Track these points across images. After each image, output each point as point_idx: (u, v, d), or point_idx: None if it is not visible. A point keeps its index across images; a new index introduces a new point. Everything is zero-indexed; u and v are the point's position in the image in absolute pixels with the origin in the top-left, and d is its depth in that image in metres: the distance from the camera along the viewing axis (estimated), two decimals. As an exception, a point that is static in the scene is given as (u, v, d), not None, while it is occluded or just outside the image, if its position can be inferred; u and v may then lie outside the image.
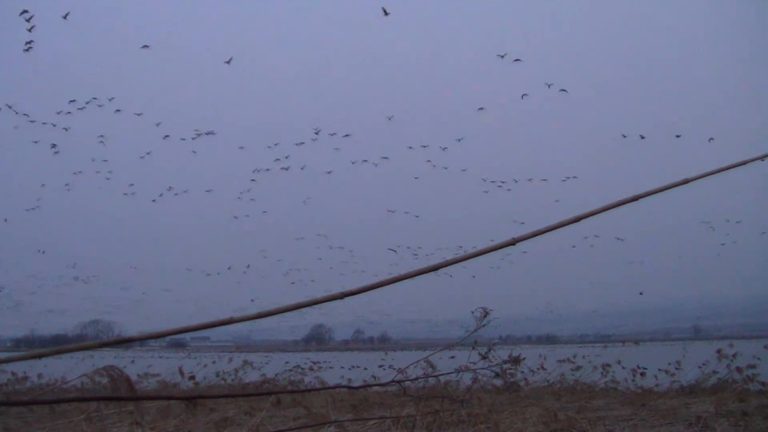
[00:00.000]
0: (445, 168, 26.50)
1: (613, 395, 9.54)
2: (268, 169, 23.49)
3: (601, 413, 7.08)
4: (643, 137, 24.24)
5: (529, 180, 26.08)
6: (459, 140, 25.27)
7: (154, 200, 25.83)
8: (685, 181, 2.27)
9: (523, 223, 27.74)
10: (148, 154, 24.88)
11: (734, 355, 10.04)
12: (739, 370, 9.73)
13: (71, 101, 19.40)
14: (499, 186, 24.62)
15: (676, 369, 10.83)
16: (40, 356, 1.91)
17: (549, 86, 20.63)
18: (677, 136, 23.16)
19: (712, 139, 23.31)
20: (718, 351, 10.24)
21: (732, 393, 8.52)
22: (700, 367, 10.47)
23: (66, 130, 20.13)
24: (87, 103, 19.31)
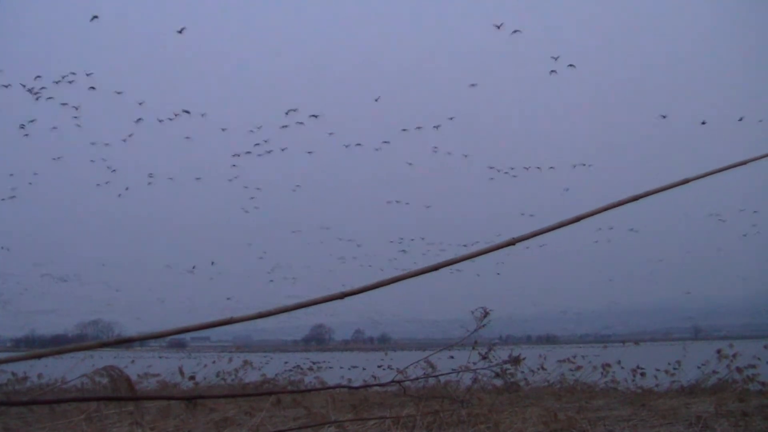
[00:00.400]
0: (449, 153, 25.48)
1: (613, 395, 9.54)
2: (248, 152, 22.37)
3: (601, 413, 7.08)
4: (704, 123, 23.23)
5: (538, 168, 25.23)
6: (451, 119, 24.10)
7: (120, 194, 24.55)
8: (685, 181, 2.27)
9: (532, 215, 27.25)
10: (130, 136, 23.32)
11: (734, 355, 10.05)
12: (739, 370, 9.74)
13: (37, 77, 18.23)
14: (506, 173, 23.78)
15: (676, 369, 10.84)
16: (39, 356, 1.91)
17: (555, 59, 19.64)
18: (740, 119, 21.30)
19: (741, 119, 21.64)
20: (718, 351, 10.24)
21: (732, 393, 8.52)
22: (699, 368, 10.48)
23: (49, 99, 18.87)
24: (63, 76, 18.14)
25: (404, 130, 23.91)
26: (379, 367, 12.37)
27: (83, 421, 5.82)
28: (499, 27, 18.59)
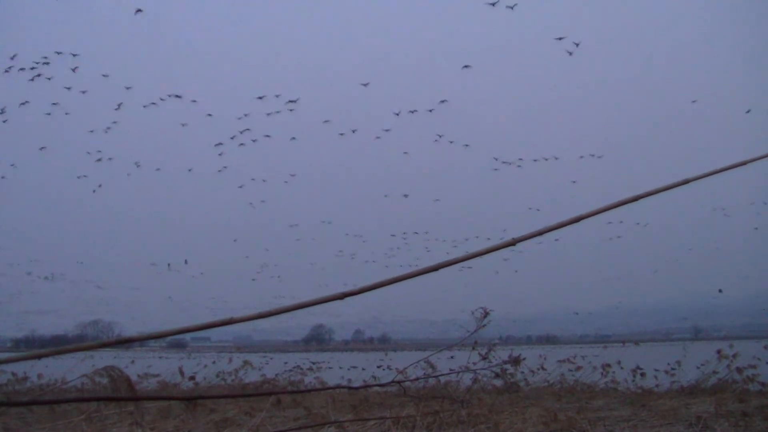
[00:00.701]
0: (451, 142, 24.55)
1: (613, 395, 9.54)
2: (232, 137, 21.27)
3: (601, 413, 7.08)
4: (749, 111, 21.97)
5: (547, 159, 24.45)
6: (443, 102, 22.90)
7: (94, 190, 23.26)
8: (685, 182, 2.27)
9: (539, 210, 26.80)
10: (115, 123, 21.69)
11: (734, 356, 10.04)
12: (739, 370, 9.73)
13: (12, 56, 17.06)
14: (510, 164, 22.94)
15: (676, 369, 10.83)
16: (39, 356, 1.91)
17: (559, 39, 18.63)
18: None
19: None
20: (718, 351, 10.23)
21: (732, 393, 8.52)
22: (698, 368, 10.48)
23: (46, 77, 17.29)
24: (44, 57, 16.82)
25: (397, 114, 22.82)
26: (378, 367, 12.39)
27: (83, 421, 5.82)
28: (494, 5, 17.86)
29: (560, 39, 18.35)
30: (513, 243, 2.10)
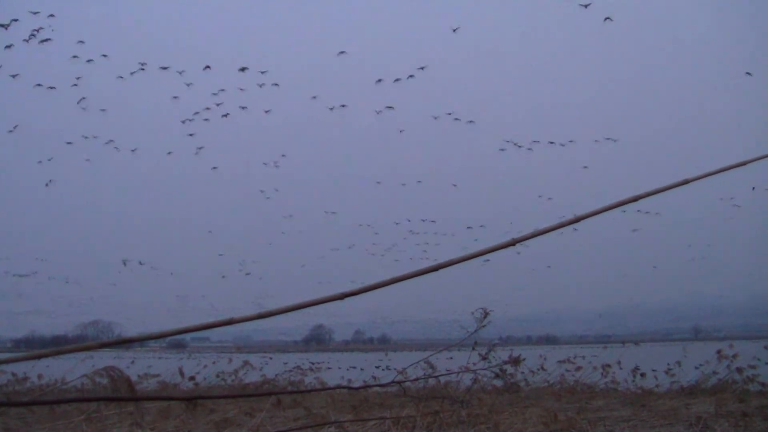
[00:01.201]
0: (456, 119, 22.93)
1: (613, 396, 9.54)
2: (196, 113, 19.36)
3: (601, 414, 7.08)
4: None
5: (562, 145, 23.14)
6: (422, 68, 20.52)
7: (47, 184, 21.32)
8: (685, 182, 2.27)
9: (550, 198, 25.83)
10: (84, 98, 19.28)
11: (734, 356, 10.04)
12: (739, 370, 9.74)
13: None
14: (520, 146, 21.62)
15: (676, 369, 10.83)
16: (40, 357, 1.91)
17: (586, 6, 16.86)
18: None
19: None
20: (718, 351, 10.24)
21: (732, 393, 8.52)
22: (697, 368, 10.48)
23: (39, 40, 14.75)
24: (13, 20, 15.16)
25: (379, 80, 20.74)
26: (378, 367, 12.41)
27: (83, 421, 5.82)
28: None
29: (586, 6, 16.53)
30: (513, 243, 2.10)
